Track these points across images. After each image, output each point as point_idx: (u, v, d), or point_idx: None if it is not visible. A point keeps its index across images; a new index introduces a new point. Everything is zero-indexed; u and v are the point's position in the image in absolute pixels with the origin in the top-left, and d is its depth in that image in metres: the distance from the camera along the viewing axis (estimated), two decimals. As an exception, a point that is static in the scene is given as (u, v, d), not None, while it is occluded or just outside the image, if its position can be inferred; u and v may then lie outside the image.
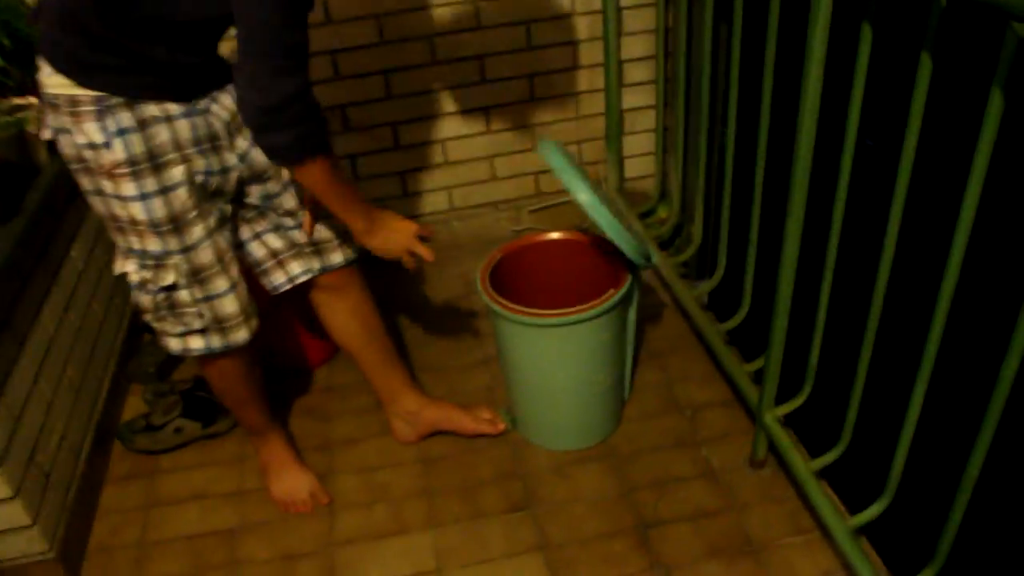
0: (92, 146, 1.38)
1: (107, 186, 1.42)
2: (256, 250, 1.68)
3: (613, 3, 2.24)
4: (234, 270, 1.58)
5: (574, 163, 1.74)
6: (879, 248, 1.36)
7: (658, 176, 2.47)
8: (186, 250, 1.49)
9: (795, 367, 1.71)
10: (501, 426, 1.96)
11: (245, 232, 1.67)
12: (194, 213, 1.48)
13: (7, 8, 1.95)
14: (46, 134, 1.43)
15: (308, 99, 1.36)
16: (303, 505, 1.84)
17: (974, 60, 1.26)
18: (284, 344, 2.15)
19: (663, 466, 1.86)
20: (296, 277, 1.72)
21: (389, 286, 2.41)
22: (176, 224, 1.46)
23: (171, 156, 1.43)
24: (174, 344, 1.60)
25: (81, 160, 1.40)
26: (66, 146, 1.40)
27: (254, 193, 1.62)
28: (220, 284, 1.56)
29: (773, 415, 1.73)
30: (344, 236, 1.72)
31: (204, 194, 1.49)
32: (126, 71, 1.36)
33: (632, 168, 2.56)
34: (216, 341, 1.60)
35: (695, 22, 2.11)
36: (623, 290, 1.71)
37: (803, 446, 1.80)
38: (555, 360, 1.76)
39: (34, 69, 1.39)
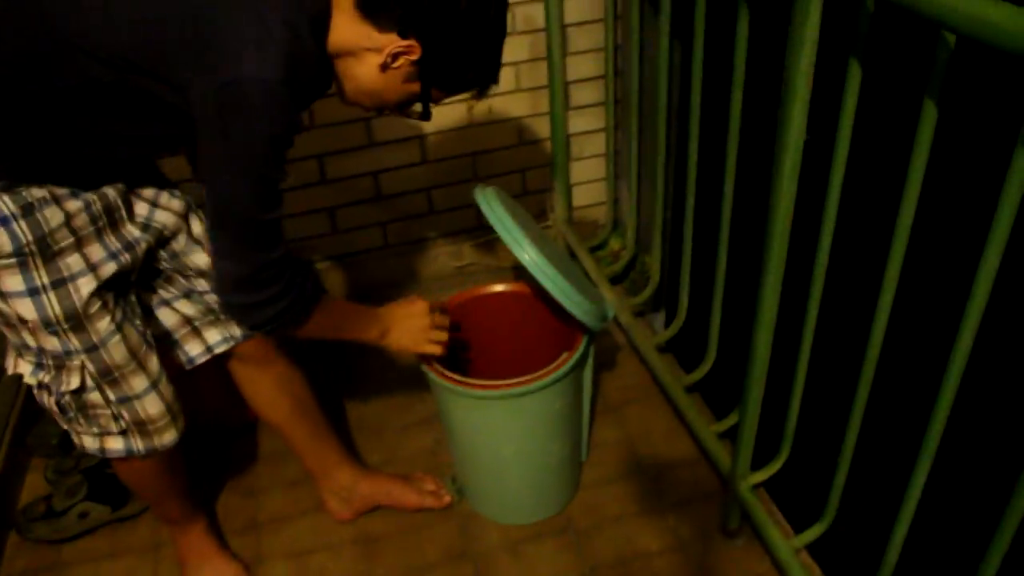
0: None
1: None
2: (166, 318, 1.46)
3: (557, 21, 2.05)
4: (152, 364, 1.36)
5: (515, 211, 1.56)
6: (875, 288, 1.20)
7: (610, 204, 2.30)
8: (92, 349, 1.26)
9: (769, 424, 1.55)
10: (447, 499, 1.77)
11: (151, 299, 1.44)
12: (97, 306, 1.25)
13: None
14: None
15: (286, 264, 1.23)
16: None
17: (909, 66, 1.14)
18: (201, 406, 1.92)
19: (626, 539, 1.69)
20: (214, 347, 1.50)
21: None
22: (76, 321, 1.23)
23: (64, 244, 1.20)
24: (89, 443, 1.37)
25: None
26: None
27: (161, 257, 1.40)
28: (137, 384, 1.34)
29: (748, 484, 1.57)
30: None
31: (108, 281, 1.26)
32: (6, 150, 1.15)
33: (582, 196, 2.38)
34: (139, 444, 1.39)
35: (647, 39, 1.94)
36: (577, 354, 1.53)
37: (782, 514, 1.65)
38: (503, 433, 1.58)
39: None
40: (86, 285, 1.23)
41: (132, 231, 1.32)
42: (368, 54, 1.17)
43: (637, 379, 2.05)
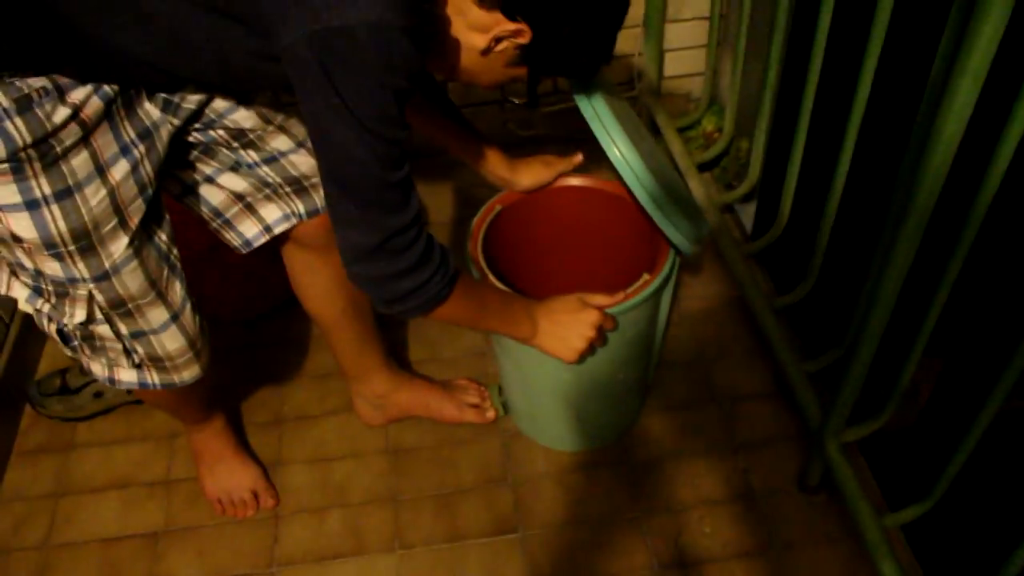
0: None
1: None
2: (212, 196, 1.21)
3: None
4: (175, 292, 1.14)
5: (608, 89, 1.25)
6: None
7: (708, 77, 1.95)
8: (102, 277, 1.05)
9: (875, 373, 1.29)
10: (490, 414, 1.57)
11: (190, 177, 1.19)
12: (112, 223, 1.01)
13: None
14: None
15: (420, 232, 1.00)
16: (243, 508, 1.49)
17: None
18: (227, 292, 1.74)
19: (687, 479, 1.48)
20: (273, 226, 1.24)
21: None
22: (85, 243, 1.01)
23: (70, 142, 0.95)
24: (97, 369, 1.19)
25: None
26: None
27: (192, 129, 1.13)
28: (155, 317, 1.13)
29: (839, 441, 1.33)
30: None
31: (123, 184, 1.02)
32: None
33: (675, 64, 2.03)
34: (155, 378, 1.20)
35: None
36: (659, 278, 1.27)
37: (877, 483, 1.41)
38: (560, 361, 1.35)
39: None
40: (96, 194, 0.99)
41: (151, 110, 1.04)
42: (468, 32, 0.96)
43: (721, 287, 1.79)
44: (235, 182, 1.20)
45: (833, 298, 1.46)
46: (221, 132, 1.14)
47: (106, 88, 0.97)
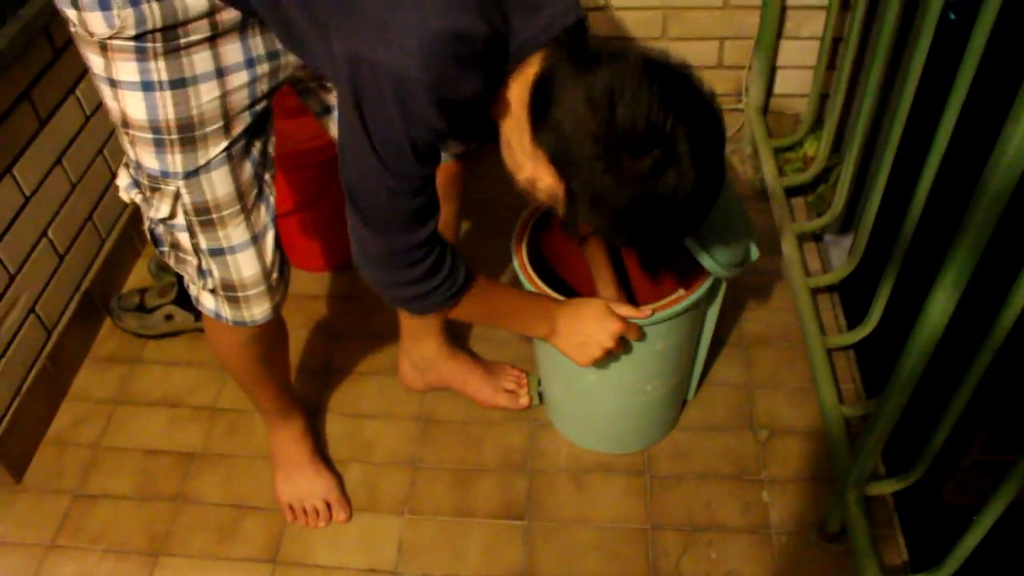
0: (75, 3, 0.95)
1: (95, 63, 1.00)
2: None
3: None
4: (260, 213, 1.13)
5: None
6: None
7: (814, 99, 1.88)
8: (192, 173, 1.06)
9: (912, 427, 1.23)
10: (523, 401, 1.58)
11: (332, 99, 1.21)
12: (217, 124, 1.04)
13: None
14: None
15: (430, 248, 1.00)
16: (314, 518, 1.45)
17: None
18: (311, 241, 1.82)
19: (706, 502, 1.45)
20: None
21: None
22: (186, 134, 1.03)
23: (196, 37, 0.98)
24: (187, 282, 1.20)
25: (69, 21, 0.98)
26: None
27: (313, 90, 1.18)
28: (236, 233, 1.12)
29: (859, 492, 1.27)
30: None
31: (238, 95, 1.05)
32: None
33: (785, 82, 1.97)
34: (226, 311, 1.19)
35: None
36: (693, 296, 1.24)
37: (904, 542, 1.35)
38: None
39: None
40: (208, 92, 1.02)
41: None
42: (517, 151, 0.94)
43: (784, 316, 1.73)
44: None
45: (892, 344, 1.40)
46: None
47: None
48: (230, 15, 0.98)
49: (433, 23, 0.80)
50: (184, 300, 1.72)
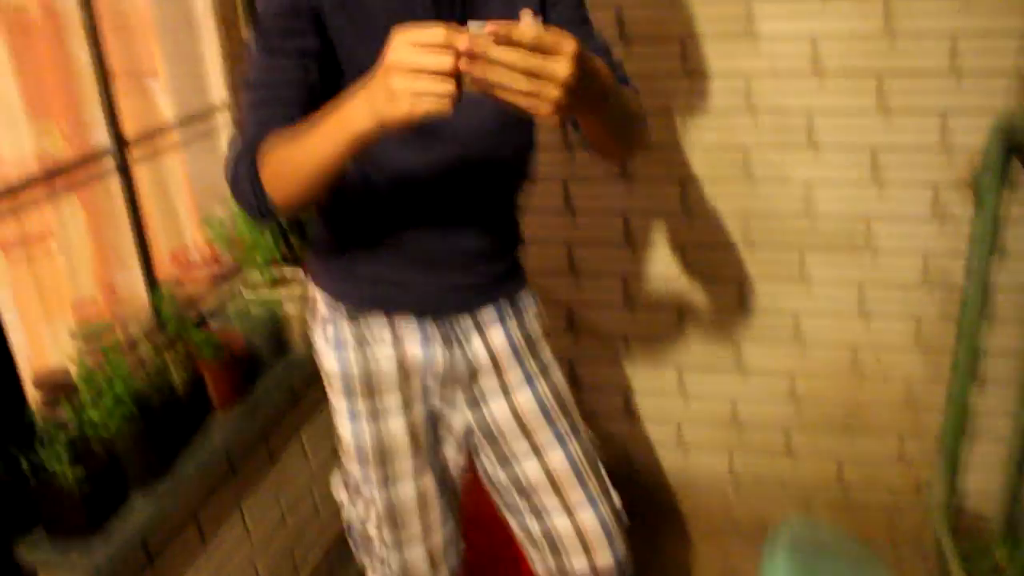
0: (317, 349, 1.30)
1: (329, 390, 1.30)
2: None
3: (979, 281, 1.79)
4: (434, 514, 1.34)
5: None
6: None
7: (1004, 502, 1.90)
8: (384, 483, 1.30)
9: None
10: None
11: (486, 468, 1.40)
12: (407, 455, 1.28)
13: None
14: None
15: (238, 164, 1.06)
16: None
17: None
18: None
19: None
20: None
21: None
22: (381, 458, 1.28)
23: (387, 383, 1.25)
24: (364, 564, 1.42)
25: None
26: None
27: (487, 456, 1.36)
28: (413, 530, 1.33)
29: None
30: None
31: (420, 422, 1.29)
32: (348, 271, 1.24)
33: (969, 481, 2.00)
34: None
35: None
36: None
37: None
38: None
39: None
40: (396, 423, 1.26)
41: (460, 404, 1.31)
42: None
43: None
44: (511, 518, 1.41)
45: None
46: (511, 473, 1.35)
47: (436, 364, 1.25)
48: (417, 368, 1.27)
49: None
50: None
